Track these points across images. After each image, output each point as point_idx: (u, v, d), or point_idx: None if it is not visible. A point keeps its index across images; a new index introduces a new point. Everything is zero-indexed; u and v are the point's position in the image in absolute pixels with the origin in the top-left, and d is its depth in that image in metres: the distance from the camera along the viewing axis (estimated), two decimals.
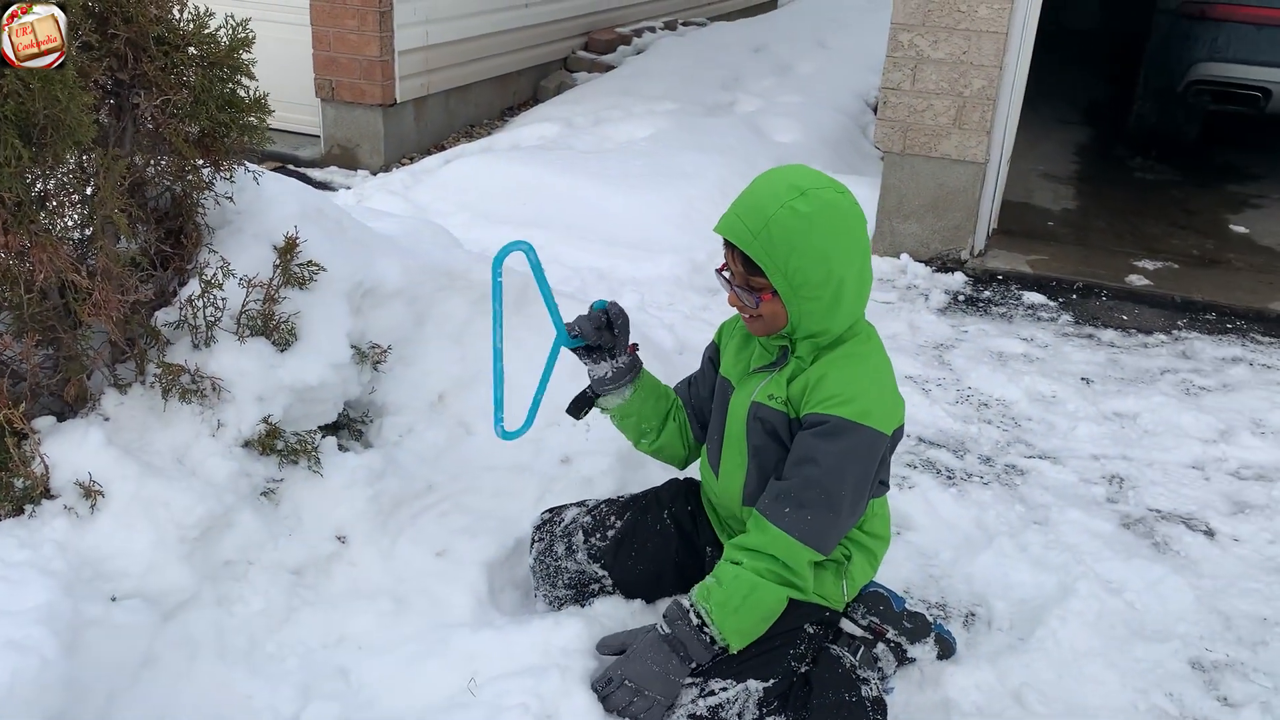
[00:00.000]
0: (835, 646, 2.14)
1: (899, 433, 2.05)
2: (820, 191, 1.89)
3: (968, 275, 4.78)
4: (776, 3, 12.12)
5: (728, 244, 1.95)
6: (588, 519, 2.32)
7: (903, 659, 2.27)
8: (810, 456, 1.93)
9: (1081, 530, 2.89)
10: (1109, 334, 4.28)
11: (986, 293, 4.64)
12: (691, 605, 1.97)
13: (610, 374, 2.18)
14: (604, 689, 1.97)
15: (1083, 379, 3.84)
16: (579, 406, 2.25)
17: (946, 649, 2.31)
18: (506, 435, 2.16)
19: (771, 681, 1.99)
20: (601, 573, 2.27)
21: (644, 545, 2.27)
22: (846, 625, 2.24)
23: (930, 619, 2.30)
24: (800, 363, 1.99)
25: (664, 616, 2.00)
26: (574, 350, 2.17)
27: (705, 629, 1.95)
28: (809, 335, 1.96)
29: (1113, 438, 3.45)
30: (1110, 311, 4.51)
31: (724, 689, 1.97)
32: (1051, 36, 10.38)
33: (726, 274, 2.00)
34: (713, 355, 2.27)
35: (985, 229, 4.95)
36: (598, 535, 2.28)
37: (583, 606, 2.26)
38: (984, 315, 4.40)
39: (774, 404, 2.01)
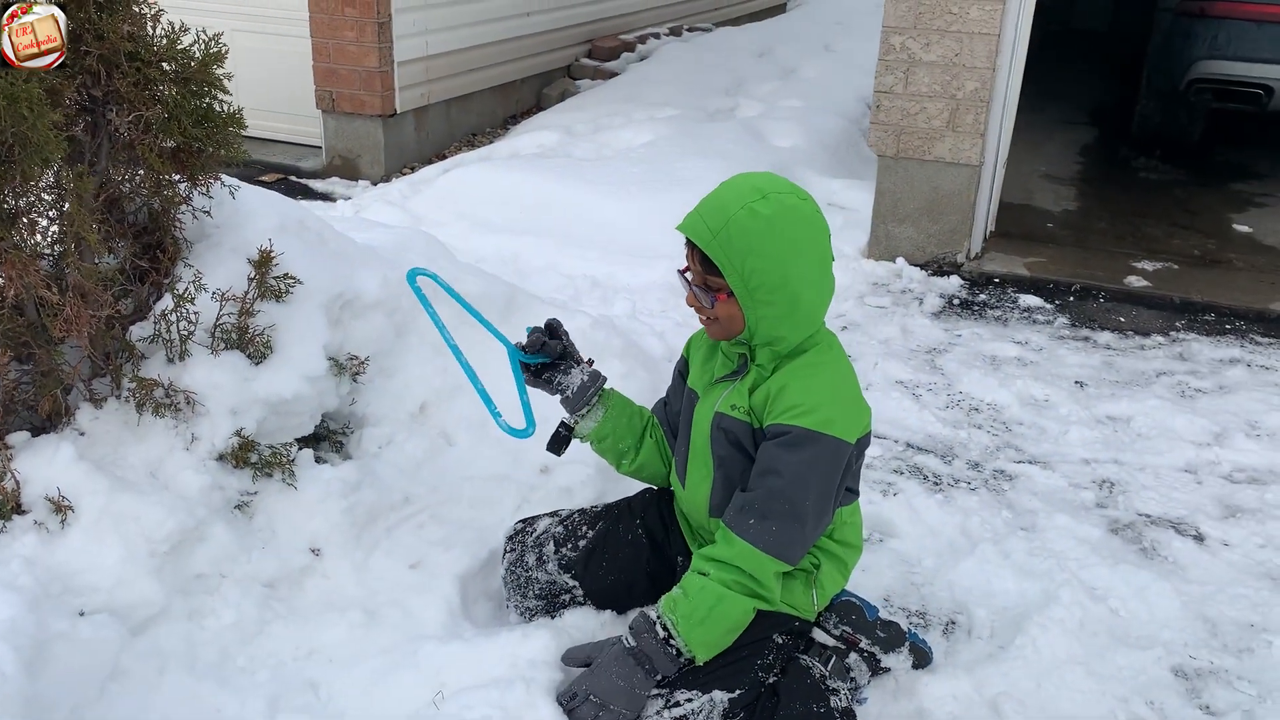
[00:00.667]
0: (806, 657, 2.12)
1: (865, 440, 2.03)
2: (782, 196, 1.89)
3: (963, 279, 4.74)
4: (784, 7, 12.10)
5: (689, 243, 1.95)
6: (559, 529, 2.31)
7: (877, 669, 2.25)
8: (773, 467, 1.92)
9: (1068, 536, 2.86)
10: (1105, 336, 4.23)
11: (982, 296, 4.60)
12: (658, 617, 1.96)
13: (585, 378, 2.18)
14: (569, 703, 1.96)
15: (1076, 382, 3.81)
16: (558, 444, 2.26)
17: (922, 658, 2.29)
18: (514, 432, 2.16)
19: (738, 692, 1.98)
20: (572, 583, 2.26)
21: (615, 555, 2.26)
22: (819, 635, 2.22)
23: (905, 628, 2.28)
24: (761, 371, 1.99)
25: (630, 628, 1.99)
26: (539, 379, 2.18)
27: (671, 641, 1.94)
28: (767, 342, 1.96)
29: (1104, 442, 3.41)
30: (1107, 313, 4.47)
31: (689, 700, 1.96)
32: (1058, 37, 10.36)
33: (689, 275, 2.00)
34: (682, 369, 2.27)
35: (982, 232, 4.91)
36: (569, 546, 2.28)
37: (554, 617, 2.25)
38: (978, 319, 4.37)
39: (736, 414, 2.00)
